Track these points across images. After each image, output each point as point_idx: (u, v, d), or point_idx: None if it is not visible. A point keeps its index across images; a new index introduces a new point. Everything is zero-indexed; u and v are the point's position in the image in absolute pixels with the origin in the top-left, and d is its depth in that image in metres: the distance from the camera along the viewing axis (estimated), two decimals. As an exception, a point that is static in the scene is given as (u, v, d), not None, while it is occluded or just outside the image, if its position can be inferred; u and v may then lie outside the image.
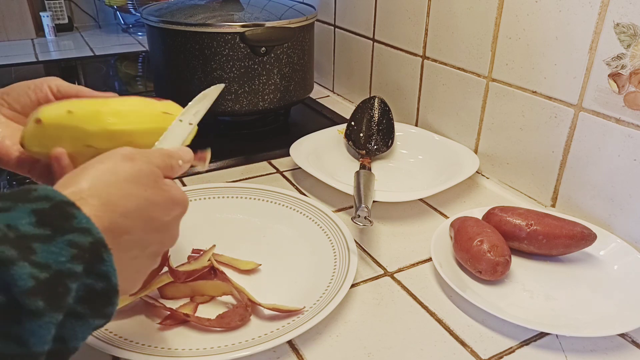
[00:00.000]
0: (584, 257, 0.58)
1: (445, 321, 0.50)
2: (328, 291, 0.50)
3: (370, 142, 0.82)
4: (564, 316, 0.50)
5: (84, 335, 0.29)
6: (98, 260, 0.29)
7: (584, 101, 0.60)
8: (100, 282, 0.29)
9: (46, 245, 0.26)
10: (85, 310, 0.28)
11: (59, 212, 0.28)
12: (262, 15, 0.83)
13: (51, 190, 0.29)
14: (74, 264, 0.27)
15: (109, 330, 0.45)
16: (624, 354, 0.46)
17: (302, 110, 1.02)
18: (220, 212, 0.65)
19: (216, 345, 0.44)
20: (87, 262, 0.28)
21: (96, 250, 0.28)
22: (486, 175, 0.76)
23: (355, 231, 0.63)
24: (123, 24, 1.79)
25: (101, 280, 0.29)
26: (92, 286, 0.28)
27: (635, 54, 0.54)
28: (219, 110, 0.83)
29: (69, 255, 0.27)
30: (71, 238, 0.27)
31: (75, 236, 0.28)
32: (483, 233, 0.53)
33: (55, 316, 0.26)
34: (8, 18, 1.55)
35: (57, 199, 0.28)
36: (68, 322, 0.27)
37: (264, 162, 0.81)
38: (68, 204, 0.29)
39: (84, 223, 0.28)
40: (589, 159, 0.61)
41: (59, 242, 0.27)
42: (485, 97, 0.73)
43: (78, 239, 0.28)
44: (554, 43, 0.62)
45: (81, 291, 0.28)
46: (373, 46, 0.96)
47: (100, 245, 0.29)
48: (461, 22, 0.74)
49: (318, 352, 0.46)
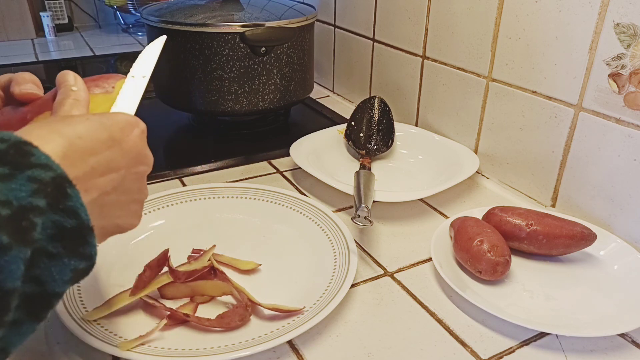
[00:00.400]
0: (584, 257, 0.58)
1: (445, 321, 0.50)
2: (328, 291, 0.50)
3: (370, 142, 0.82)
4: (564, 316, 0.50)
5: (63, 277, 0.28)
6: (62, 195, 0.28)
7: (584, 101, 0.60)
8: (69, 218, 0.28)
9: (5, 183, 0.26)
10: (58, 248, 0.28)
11: (16, 150, 0.28)
12: (262, 15, 0.83)
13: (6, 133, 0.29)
14: (36, 198, 0.27)
15: (109, 330, 0.45)
16: (624, 354, 0.46)
17: (302, 110, 1.02)
18: (220, 212, 0.65)
19: (216, 345, 0.44)
20: (50, 197, 0.27)
21: (59, 185, 0.28)
22: (486, 175, 0.76)
23: (355, 231, 0.63)
24: (123, 24, 1.79)
25: (70, 216, 0.28)
26: (60, 223, 0.28)
27: (635, 54, 0.54)
28: (219, 110, 0.83)
29: (29, 190, 0.26)
30: (30, 174, 0.27)
31: (35, 172, 0.27)
32: (483, 233, 0.53)
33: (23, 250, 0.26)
34: (8, 18, 1.55)
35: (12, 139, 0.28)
36: (41, 262, 0.27)
37: (264, 162, 0.81)
38: (25, 143, 0.28)
39: (42, 159, 0.28)
40: (589, 159, 0.61)
41: (18, 179, 0.27)
42: (485, 97, 0.73)
43: (38, 174, 0.27)
44: (554, 43, 0.62)
45: (49, 228, 0.27)
46: (373, 46, 0.96)
47: (62, 180, 0.28)
48: (461, 22, 0.74)
49: (318, 352, 0.46)
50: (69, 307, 0.46)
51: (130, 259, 0.55)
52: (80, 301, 0.48)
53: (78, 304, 0.47)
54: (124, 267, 0.54)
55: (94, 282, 0.51)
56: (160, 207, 0.63)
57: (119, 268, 0.54)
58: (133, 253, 0.56)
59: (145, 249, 0.57)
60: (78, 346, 0.44)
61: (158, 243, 0.58)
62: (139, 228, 0.41)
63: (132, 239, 0.58)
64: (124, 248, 0.57)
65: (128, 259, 0.56)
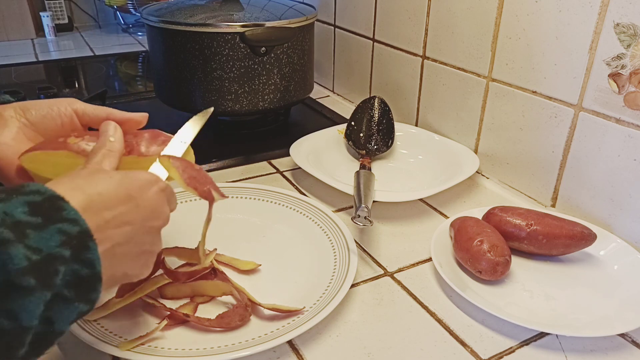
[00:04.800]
0: (584, 257, 0.58)
1: (445, 321, 0.50)
2: (328, 291, 0.50)
3: (370, 142, 0.82)
4: (564, 316, 0.50)
5: (70, 319, 0.31)
6: (84, 248, 0.31)
7: (584, 101, 0.60)
8: (85, 268, 0.31)
9: (38, 232, 0.29)
10: (71, 294, 0.31)
11: (49, 204, 0.31)
12: (262, 15, 0.83)
13: (42, 186, 0.32)
14: (63, 249, 0.30)
15: (109, 330, 0.45)
16: (624, 354, 0.46)
17: (302, 110, 1.02)
18: (220, 212, 0.64)
19: (216, 345, 0.44)
20: (74, 249, 0.31)
21: (82, 238, 0.31)
22: (486, 175, 0.76)
23: (355, 231, 0.63)
24: (123, 24, 1.79)
25: (86, 266, 0.31)
26: (78, 272, 0.31)
27: (635, 54, 0.54)
28: (219, 110, 0.83)
29: (58, 241, 0.30)
30: (60, 227, 0.30)
31: (64, 225, 0.31)
32: (483, 233, 0.53)
33: (45, 294, 0.29)
34: (8, 18, 1.55)
35: (48, 193, 0.32)
36: (55, 304, 0.30)
37: (264, 162, 0.81)
38: (58, 197, 0.32)
39: (72, 214, 0.31)
40: (589, 159, 0.61)
41: (50, 230, 0.30)
42: (485, 97, 0.73)
43: (67, 228, 0.31)
44: (554, 43, 0.62)
45: (68, 275, 0.30)
46: (373, 46, 0.96)
47: (86, 235, 0.32)
48: (461, 22, 0.74)
49: (318, 352, 0.46)
50: (69, 307, 0.46)
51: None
52: (80, 301, 0.48)
53: (78, 304, 0.47)
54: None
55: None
56: (160, 207, 0.63)
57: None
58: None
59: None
60: (78, 346, 0.44)
61: (158, 243, 0.58)
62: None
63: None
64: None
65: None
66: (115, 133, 0.43)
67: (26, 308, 0.28)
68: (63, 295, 0.30)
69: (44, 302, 0.29)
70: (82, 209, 0.32)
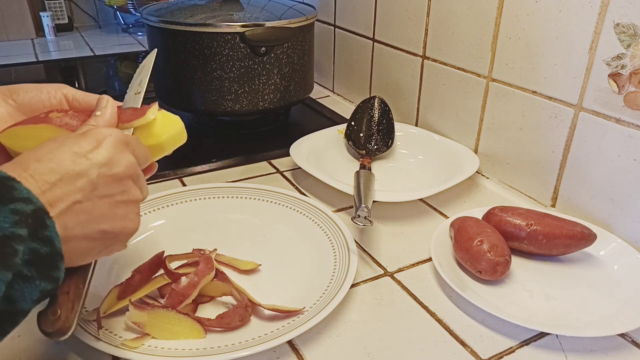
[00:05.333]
0: (584, 257, 0.58)
1: (445, 321, 0.50)
2: (328, 291, 0.50)
3: (370, 142, 0.82)
4: (564, 316, 0.50)
5: (32, 298, 0.31)
6: (41, 225, 0.31)
7: (584, 101, 0.60)
8: (45, 246, 0.31)
9: None
10: (32, 272, 0.31)
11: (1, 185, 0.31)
12: (262, 15, 0.83)
13: None
14: (18, 228, 0.30)
15: (109, 330, 0.45)
16: (624, 354, 0.46)
17: (302, 110, 1.02)
18: (220, 212, 0.65)
19: (216, 345, 0.44)
20: (30, 227, 0.31)
21: (38, 216, 0.31)
22: (486, 175, 0.76)
23: (355, 231, 0.63)
24: (123, 24, 1.79)
25: (45, 244, 0.31)
26: (37, 250, 0.31)
27: (635, 54, 0.54)
28: (219, 110, 0.83)
29: (12, 221, 0.30)
30: (13, 207, 0.30)
31: (17, 205, 0.30)
32: (483, 233, 0.53)
33: (5, 274, 0.29)
34: (8, 18, 1.55)
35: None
36: (16, 284, 0.30)
37: (264, 162, 0.81)
38: (8, 178, 0.31)
39: (24, 193, 0.31)
40: (589, 159, 0.61)
41: (3, 211, 0.30)
42: (485, 97, 0.73)
43: (20, 207, 0.30)
44: (554, 43, 0.62)
45: (27, 254, 0.30)
46: (373, 46, 0.96)
47: (42, 212, 0.32)
48: (461, 22, 0.74)
49: (318, 352, 0.46)
50: (69, 307, 0.46)
51: (130, 259, 0.55)
52: (80, 301, 0.48)
53: (78, 304, 0.47)
54: (124, 267, 0.54)
55: (94, 282, 0.51)
56: (160, 207, 0.63)
57: (119, 268, 0.54)
58: (133, 253, 0.56)
59: (145, 249, 0.57)
60: (78, 346, 0.44)
61: (158, 243, 0.58)
62: (138, 228, 0.41)
63: (132, 238, 0.58)
64: (124, 248, 0.57)
65: (128, 259, 0.56)
66: (105, 107, 0.42)
67: None
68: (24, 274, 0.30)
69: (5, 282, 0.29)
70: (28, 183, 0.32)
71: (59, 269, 0.33)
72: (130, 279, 0.49)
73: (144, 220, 0.60)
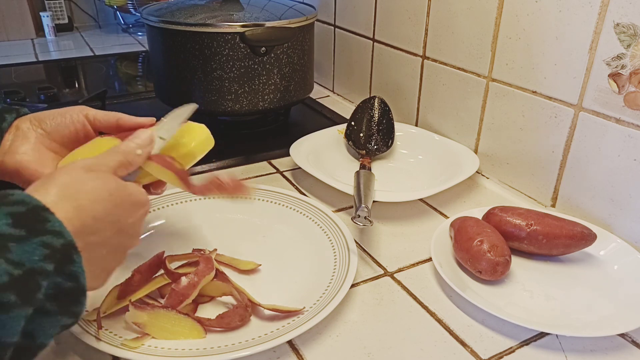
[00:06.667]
0: (584, 257, 0.58)
1: (445, 321, 0.50)
2: (328, 291, 0.50)
3: (370, 142, 0.82)
4: (564, 316, 0.50)
5: (52, 332, 0.31)
6: (68, 260, 0.31)
7: (584, 101, 0.60)
8: (69, 281, 0.31)
9: (21, 245, 0.28)
10: (54, 307, 0.30)
11: (33, 215, 0.30)
12: (262, 15, 0.83)
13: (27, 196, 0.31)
14: (46, 263, 0.29)
15: (109, 330, 0.45)
16: (624, 354, 0.46)
17: (302, 110, 1.02)
18: (220, 212, 0.65)
19: (216, 345, 0.44)
20: (57, 262, 0.30)
21: (67, 251, 0.31)
22: (486, 175, 0.76)
23: (355, 231, 0.63)
24: (123, 24, 1.79)
25: (70, 279, 0.31)
26: (61, 285, 0.30)
27: (635, 54, 0.54)
28: (219, 110, 0.83)
29: (41, 255, 0.29)
30: (44, 239, 0.29)
31: (48, 238, 0.30)
32: (483, 233, 0.53)
33: (26, 310, 0.28)
34: (8, 18, 1.55)
35: (32, 204, 0.31)
36: (37, 318, 0.29)
37: (264, 162, 0.81)
38: (43, 208, 0.31)
39: (57, 226, 0.31)
40: (589, 159, 0.61)
41: (33, 243, 0.29)
42: (485, 97, 0.73)
43: (50, 241, 0.30)
44: (554, 43, 0.62)
45: (51, 289, 0.30)
46: (373, 46, 0.96)
47: (70, 247, 0.31)
48: (461, 22, 0.74)
49: (318, 352, 0.46)
50: (69, 307, 0.46)
51: (130, 259, 0.55)
52: (80, 301, 0.48)
53: (78, 304, 0.47)
54: (124, 267, 0.53)
55: (94, 282, 0.51)
56: (160, 207, 0.63)
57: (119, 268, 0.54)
58: (133, 253, 0.56)
59: (145, 249, 0.57)
60: (78, 346, 0.44)
61: (158, 243, 0.58)
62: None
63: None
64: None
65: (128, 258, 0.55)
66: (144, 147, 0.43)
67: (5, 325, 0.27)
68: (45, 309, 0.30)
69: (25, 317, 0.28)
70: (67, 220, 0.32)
71: (81, 304, 0.32)
72: (130, 279, 0.49)
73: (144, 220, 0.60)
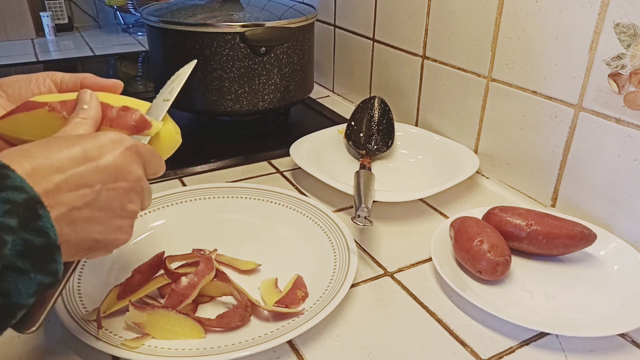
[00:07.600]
0: (584, 257, 0.58)
1: (445, 321, 0.50)
2: (328, 291, 0.50)
3: (370, 142, 0.82)
4: (564, 316, 0.50)
5: (28, 291, 0.30)
6: (33, 216, 0.30)
7: (584, 101, 0.60)
8: (39, 237, 0.30)
9: None
10: (25, 264, 0.30)
11: None
12: (262, 15, 0.83)
13: None
14: (8, 218, 0.29)
15: (109, 330, 0.45)
16: (624, 354, 0.46)
17: (302, 110, 1.02)
18: (220, 212, 0.65)
19: (216, 345, 0.44)
20: (21, 217, 0.29)
21: (31, 206, 0.30)
22: (486, 175, 0.76)
23: (355, 231, 0.63)
24: (123, 24, 1.79)
25: (40, 235, 0.30)
26: (30, 241, 0.30)
27: (635, 54, 0.54)
28: (219, 110, 0.83)
29: (2, 211, 0.28)
30: (4, 195, 0.29)
31: (9, 193, 0.29)
32: (483, 233, 0.53)
33: None
34: (8, 18, 1.55)
35: None
36: (9, 276, 0.29)
37: (264, 162, 0.81)
38: (3, 166, 0.30)
39: (17, 182, 0.30)
40: (589, 159, 0.61)
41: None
42: (485, 97, 0.73)
43: (11, 196, 0.29)
44: (554, 43, 0.62)
45: (19, 245, 0.29)
46: (373, 46, 0.96)
47: (34, 202, 0.30)
48: (461, 22, 0.74)
49: (318, 352, 0.46)
50: (68, 307, 0.46)
51: (130, 259, 0.55)
52: (80, 301, 0.48)
53: (78, 304, 0.47)
54: (124, 267, 0.54)
55: (94, 282, 0.51)
56: (160, 207, 0.63)
57: (119, 268, 0.54)
58: (133, 253, 0.56)
59: (145, 249, 0.57)
60: (78, 346, 0.44)
61: (158, 243, 0.58)
62: (138, 228, 0.41)
63: (132, 238, 0.58)
64: (124, 248, 0.56)
65: (128, 258, 0.56)
66: (90, 100, 0.41)
67: None
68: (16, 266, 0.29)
69: None
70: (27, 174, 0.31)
71: (56, 262, 0.31)
72: (130, 279, 0.49)
73: (144, 220, 0.60)
